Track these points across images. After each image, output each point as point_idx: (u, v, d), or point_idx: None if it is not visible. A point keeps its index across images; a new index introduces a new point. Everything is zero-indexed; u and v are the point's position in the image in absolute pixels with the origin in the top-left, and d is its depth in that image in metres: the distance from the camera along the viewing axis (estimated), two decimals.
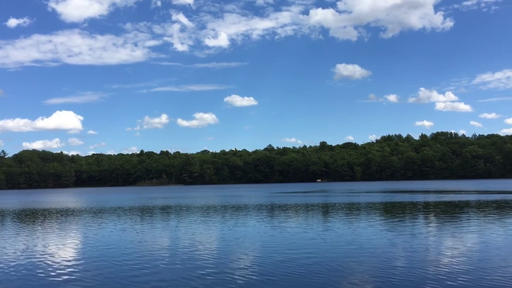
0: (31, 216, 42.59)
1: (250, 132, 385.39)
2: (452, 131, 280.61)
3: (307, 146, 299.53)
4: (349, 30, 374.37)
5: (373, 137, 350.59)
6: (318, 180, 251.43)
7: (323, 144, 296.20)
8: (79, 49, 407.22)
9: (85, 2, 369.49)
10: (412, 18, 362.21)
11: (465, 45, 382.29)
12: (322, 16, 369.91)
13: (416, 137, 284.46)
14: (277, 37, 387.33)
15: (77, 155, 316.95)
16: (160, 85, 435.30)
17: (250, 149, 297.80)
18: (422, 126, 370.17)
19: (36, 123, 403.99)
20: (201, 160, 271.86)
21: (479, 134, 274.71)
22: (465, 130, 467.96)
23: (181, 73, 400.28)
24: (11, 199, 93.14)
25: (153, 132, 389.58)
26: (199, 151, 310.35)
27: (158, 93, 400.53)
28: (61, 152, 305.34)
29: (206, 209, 45.75)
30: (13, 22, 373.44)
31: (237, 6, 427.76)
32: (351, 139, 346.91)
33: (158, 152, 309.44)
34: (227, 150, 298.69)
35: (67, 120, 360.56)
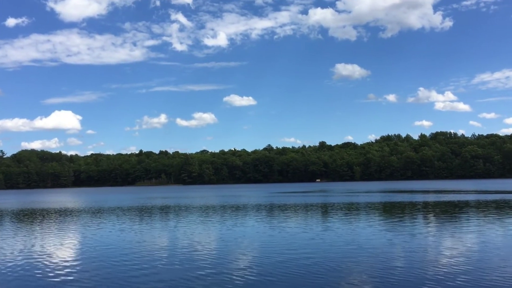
0: (30, 216, 42.49)
1: (249, 132, 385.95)
2: (451, 131, 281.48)
3: (306, 146, 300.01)
4: (348, 30, 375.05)
5: (373, 137, 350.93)
6: (318, 180, 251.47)
7: (323, 144, 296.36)
8: (78, 49, 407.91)
9: (84, 2, 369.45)
10: (411, 18, 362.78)
11: (464, 45, 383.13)
12: (321, 16, 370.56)
13: (416, 137, 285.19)
14: (276, 37, 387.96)
15: (76, 155, 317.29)
16: (159, 85, 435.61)
17: (249, 149, 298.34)
18: (421, 126, 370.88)
19: (35, 123, 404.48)
20: (200, 160, 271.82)
21: (478, 134, 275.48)
22: (464, 130, 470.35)
23: (180, 73, 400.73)
24: (10, 199, 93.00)
25: (152, 132, 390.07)
26: (198, 151, 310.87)
27: (157, 93, 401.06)
28: (60, 152, 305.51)
29: (205, 209, 45.68)
30: (12, 22, 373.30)
31: (236, 6, 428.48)
32: (351, 139, 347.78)
33: (157, 152, 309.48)
34: (226, 150, 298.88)
35: (66, 120, 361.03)
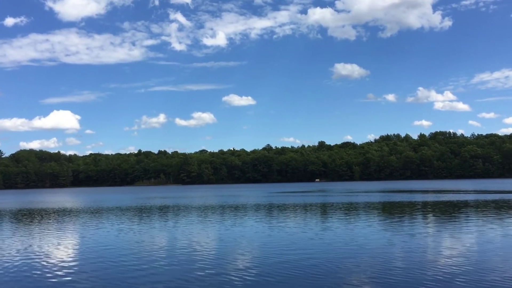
0: (28, 216, 42.35)
1: (249, 132, 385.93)
2: (451, 131, 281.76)
3: (306, 146, 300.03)
4: (348, 30, 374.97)
5: (372, 137, 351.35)
6: (317, 180, 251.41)
7: (322, 144, 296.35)
8: (77, 48, 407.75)
9: (83, 1, 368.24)
10: (411, 18, 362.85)
11: (464, 45, 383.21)
12: (321, 16, 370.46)
13: (415, 137, 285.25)
14: (275, 37, 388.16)
15: (75, 155, 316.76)
16: (158, 85, 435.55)
17: (248, 149, 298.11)
18: (421, 126, 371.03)
19: (33, 123, 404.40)
20: (199, 160, 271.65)
21: (478, 134, 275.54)
22: (464, 130, 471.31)
23: (179, 73, 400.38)
24: (8, 199, 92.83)
25: (151, 132, 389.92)
26: (197, 151, 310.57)
27: (156, 93, 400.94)
28: (59, 152, 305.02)
29: (204, 209, 45.58)
30: (10, 21, 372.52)
31: (235, 5, 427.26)
32: (350, 139, 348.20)
33: (156, 152, 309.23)
34: (225, 150, 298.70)
35: (65, 120, 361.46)
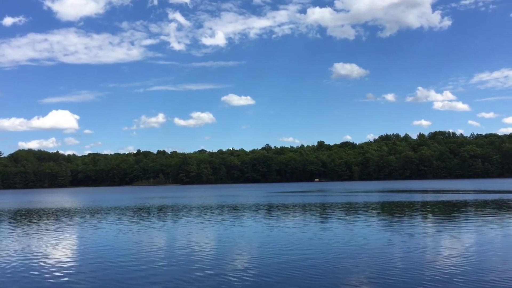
0: (27, 216, 42.23)
1: (248, 132, 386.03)
2: (450, 131, 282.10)
3: (305, 146, 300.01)
4: (347, 29, 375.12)
5: (371, 137, 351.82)
6: (316, 180, 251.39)
7: (321, 144, 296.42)
8: (75, 48, 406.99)
9: (81, 1, 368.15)
10: (410, 17, 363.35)
11: (463, 44, 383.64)
12: (320, 15, 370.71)
13: (414, 137, 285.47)
14: (275, 36, 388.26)
15: (73, 155, 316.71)
16: (157, 84, 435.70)
17: (248, 149, 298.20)
18: (420, 126, 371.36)
19: (32, 123, 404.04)
20: (198, 160, 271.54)
21: (477, 134, 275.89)
22: (463, 130, 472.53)
23: (178, 72, 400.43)
24: (7, 199, 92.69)
25: (150, 132, 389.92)
26: (196, 151, 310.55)
27: (155, 92, 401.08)
28: (57, 152, 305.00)
29: (203, 209, 45.48)
30: (9, 21, 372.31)
31: (234, 5, 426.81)
32: (349, 139, 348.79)
33: (155, 152, 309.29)
34: (225, 150, 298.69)
35: (63, 120, 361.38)
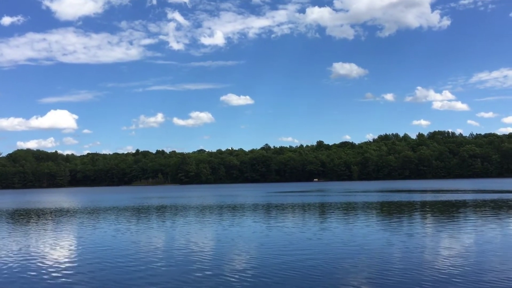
0: (25, 216, 42.08)
1: (247, 131, 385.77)
2: (449, 130, 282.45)
3: (304, 145, 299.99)
4: (346, 29, 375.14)
5: (370, 136, 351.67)
6: (315, 180, 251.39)
7: (320, 143, 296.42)
8: (74, 48, 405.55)
9: (80, 0, 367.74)
10: (409, 17, 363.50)
11: (462, 44, 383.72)
12: (319, 15, 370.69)
13: (413, 136, 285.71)
14: (274, 36, 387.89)
15: (72, 155, 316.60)
16: (156, 84, 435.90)
17: (247, 148, 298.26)
18: (419, 125, 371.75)
19: (31, 122, 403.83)
20: (197, 160, 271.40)
21: (476, 133, 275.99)
22: (462, 129, 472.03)
23: (177, 72, 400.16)
24: (5, 199, 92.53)
25: (149, 131, 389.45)
26: (195, 151, 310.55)
27: (154, 92, 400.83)
28: (56, 152, 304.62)
29: (202, 209, 45.35)
30: (7, 20, 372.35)
31: (233, 5, 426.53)
32: (348, 138, 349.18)
33: (154, 152, 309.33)
34: (223, 149, 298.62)
35: (62, 119, 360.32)
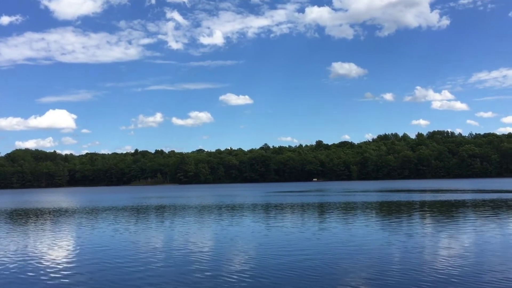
0: (23, 216, 41.95)
1: (246, 131, 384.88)
2: (449, 130, 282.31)
3: (303, 145, 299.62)
4: (345, 29, 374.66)
5: (370, 136, 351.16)
6: (314, 179, 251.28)
7: (319, 143, 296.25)
8: (73, 47, 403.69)
9: (79, 0, 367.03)
10: (408, 17, 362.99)
11: (461, 44, 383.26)
12: (318, 14, 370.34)
13: (413, 136, 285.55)
14: (273, 35, 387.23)
15: (71, 154, 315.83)
16: (155, 84, 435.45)
17: (246, 148, 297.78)
18: (419, 125, 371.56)
19: (29, 122, 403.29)
20: (196, 159, 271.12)
21: (476, 133, 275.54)
22: (462, 129, 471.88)
23: (176, 72, 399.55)
24: (3, 199, 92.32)
25: (148, 131, 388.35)
26: (194, 150, 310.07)
27: (153, 92, 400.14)
28: (55, 151, 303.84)
29: (201, 209, 45.24)
30: (6, 20, 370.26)
31: (232, 4, 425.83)
32: (347, 138, 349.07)
33: (153, 151, 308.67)
34: (223, 149, 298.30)
35: (60, 119, 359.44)
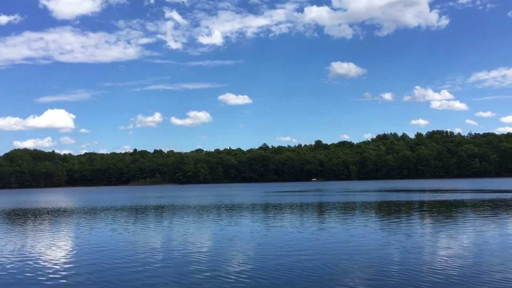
0: (22, 216, 41.85)
1: (245, 131, 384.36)
2: (448, 130, 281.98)
3: (302, 145, 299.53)
4: (344, 28, 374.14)
5: (369, 136, 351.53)
6: (313, 179, 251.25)
7: (318, 143, 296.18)
8: (71, 47, 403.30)
9: None
10: (407, 16, 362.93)
11: (461, 43, 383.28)
12: (317, 14, 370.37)
13: (412, 136, 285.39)
14: (272, 35, 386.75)
15: (69, 154, 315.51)
16: (154, 83, 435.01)
17: (245, 148, 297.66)
18: (418, 125, 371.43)
19: (28, 122, 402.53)
20: (195, 159, 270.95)
21: (475, 133, 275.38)
22: (461, 129, 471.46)
23: (175, 71, 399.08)
24: (2, 199, 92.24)
25: (147, 131, 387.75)
26: (193, 150, 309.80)
27: (152, 91, 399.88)
28: (53, 151, 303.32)
29: (200, 209, 45.16)
30: (4, 19, 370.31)
31: (231, 4, 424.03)
32: (347, 138, 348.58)
33: (152, 151, 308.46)
34: (221, 149, 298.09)
35: (59, 119, 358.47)
